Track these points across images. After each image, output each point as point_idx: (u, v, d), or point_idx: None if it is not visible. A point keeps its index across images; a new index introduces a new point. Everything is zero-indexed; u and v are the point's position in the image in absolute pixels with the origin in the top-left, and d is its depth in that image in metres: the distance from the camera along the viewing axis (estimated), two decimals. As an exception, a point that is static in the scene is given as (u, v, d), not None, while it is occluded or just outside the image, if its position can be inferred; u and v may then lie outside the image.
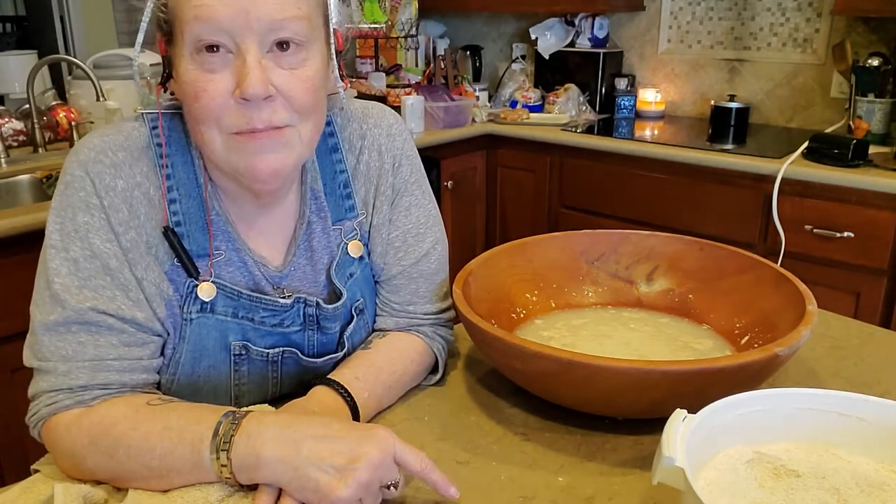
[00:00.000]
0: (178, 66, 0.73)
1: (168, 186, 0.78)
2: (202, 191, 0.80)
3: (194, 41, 0.70)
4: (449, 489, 0.67)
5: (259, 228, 0.84)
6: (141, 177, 0.77)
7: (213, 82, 0.71)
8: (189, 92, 0.72)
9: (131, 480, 0.70)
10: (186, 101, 0.74)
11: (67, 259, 0.73)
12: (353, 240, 0.89)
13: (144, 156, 0.78)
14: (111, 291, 0.74)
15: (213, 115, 0.72)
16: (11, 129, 2.16)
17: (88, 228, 0.74)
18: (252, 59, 0.71)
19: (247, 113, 0.72)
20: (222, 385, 0.84)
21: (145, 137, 0.79)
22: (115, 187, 0.75)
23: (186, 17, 0.70)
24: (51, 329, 0.72)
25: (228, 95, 0.71)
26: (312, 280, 0.87)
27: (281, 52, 0.73)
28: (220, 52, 0.71)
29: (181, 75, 0.73)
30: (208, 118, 0.73)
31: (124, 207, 0.76)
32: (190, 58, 0.72)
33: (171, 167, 0.79)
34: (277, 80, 0.72)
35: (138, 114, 0.81)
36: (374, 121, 0.91)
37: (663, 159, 2.28)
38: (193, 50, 0.71)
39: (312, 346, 0.88)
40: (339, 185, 0.88)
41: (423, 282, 0.92)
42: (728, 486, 0.60)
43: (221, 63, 0.71)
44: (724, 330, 0.97)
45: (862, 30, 2.37)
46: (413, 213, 0.92)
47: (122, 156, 0.76)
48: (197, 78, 0.71)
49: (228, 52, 0.71)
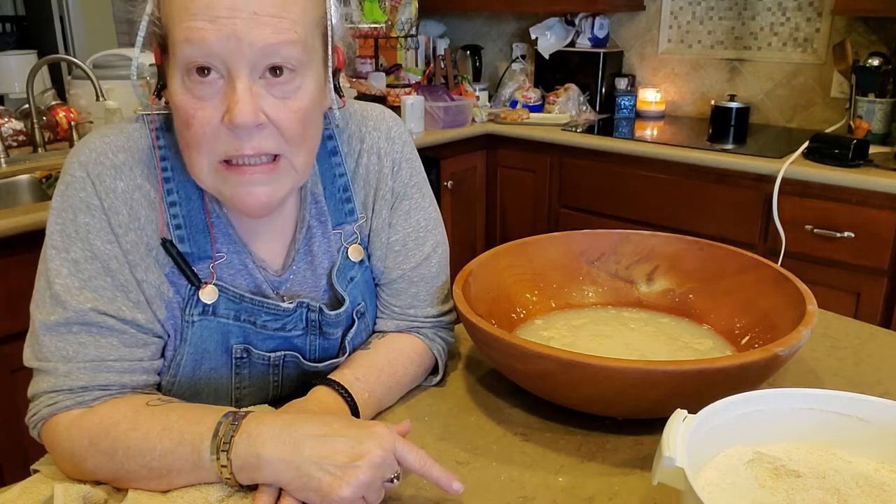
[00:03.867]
0: (171, 82, 0.72)
1: (168, 190, 0.78)
2: (203, 193, 0.80)
3: (184, 63, 0.69)
4: (452, 485, 0.67)
5: (259, 231, 0.84)
6: (142, 179, 0.77)
7: (203, 109, 0.70)
8: (180, 117, 0.71)
9: (131, 481, 0.69)
10: (177, 124, 0.73)
11: (68, 260, 0.73)
12: (353, 243, 0.88)
13: (146, 158, 0.77)
14: (112, 292, 0.74)
15: (203, 142, 0.71)
16: (11, 129, 2.16)
17: (89, 229, 0.74)
18: (242, 86, 0.69)
19: (236, 141, 0.71)
20: (223, 387, 0.84)
21: (147, 139, 0.78)
22: (116, 189, 0.75)
23: (177, 38, 0.69)
24: (51, 329, 0.72)
25: (218, 122, 0.70)
26: (313, 284, 0.87)
27: (273, 78, 0.71)
28: (211, 76, 0.69)
29: (172, 96, 0.72)
30: (198, 144, 0.71)
31: (124, 209, 0.75)
32: (181, 79, 0.70)
33: (172, 170, 0.79)
34: (268, 109, 0.71)
35: (139, 115, 0.80)
36: (373, 123, 0.90)
37: (663, 159, 2.28)
38: (184, 70, 0.70)
39: (314, 351, 0.87)
40: (338, 189, 0.87)
41: (423, 285, 0.92)
42: (728, 486, 0.59)
43: (211, 89, 0.70)
44: (724, 330, 0.97)
45: (862, 30, 2.37)
46: (413, 216, 0.91)
47: (122, 157, 0.76)
48: (187, 104, 0.70)
49: (219, 77, 0.69)
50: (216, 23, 0.67)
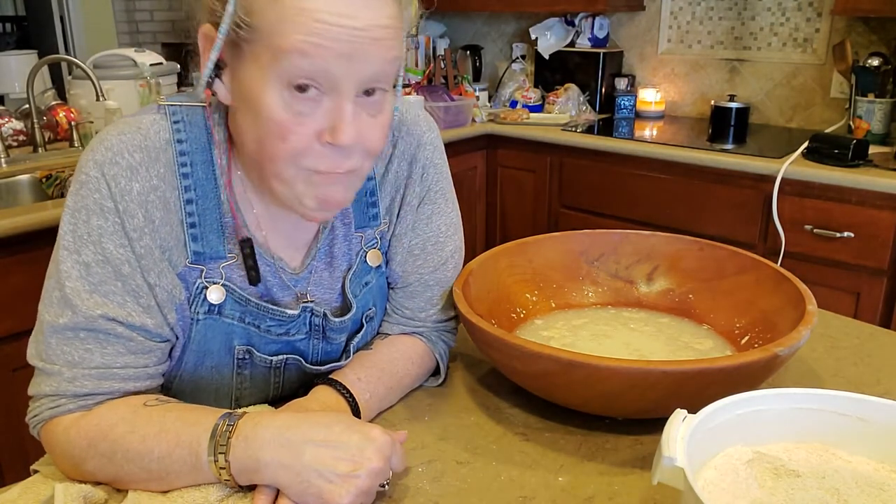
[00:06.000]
0: (259, 91, 0.67)
1: (185, 186, 0.76)
2: (220, 192, 0.78)
3: (289, 75, 0.65)
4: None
5: (281, 230, 0.82)
6: (157, 179, 0.74)
7: (304, 126, 0.67)
8: (273, 130, 0.68)
9: (131, 482, 0.70)
10: (267, 137, 0.69)
11: (79, 262, 0.72)
12: (372, 248, 0.88)
13: (163, 155, 0.75)
14: (122, 297, 0.72)
15: (297, 156, 0.69)
16: (11, 128, 2.16)
17: (102, 232, 0.72)
18: (350, 106, 0.67)
19: (333, 157, 0.70)
20: (224, 386, 0.84)
21: (166, 132, 0.76)
22: (131, 191, 0.72)
23: (286, 46, 0.64)
24: (59, 332, 0.71)
25: (315, 138, 0.68)
26: (329, 286, 0.86)
27: (367, 97, 0.69)
28: (311, 92, 0.66)
29: (264, 109, 0.67)
30: (292, 159, 0.69)
31: (140, 212, 0.73)
32: (278, 92, 0.66)
33: (190, 166, 0.76)
34: (363, 127, 0.70)
35: (158, 105, 0.78)
36: (406, 129, 0.88)
37: (663, 159, 2.28)
38: (285, 84, 0.66)
39: (317, 354, 0.87)
40: (365, 193, 0.87)
41: (438, 289, 0.92)
42: (728, 486, 0.59)
43: (313, 106, 0.67)
44: (724, 330, 0.97)
45: (862, 30, 2.37)
46: (434, 221, 0.91)
47: (139, 157, 0.73)
48: (286, 119, 0.67)
49: (321, 93, 0.67)
50: (338, 40, 0.64)
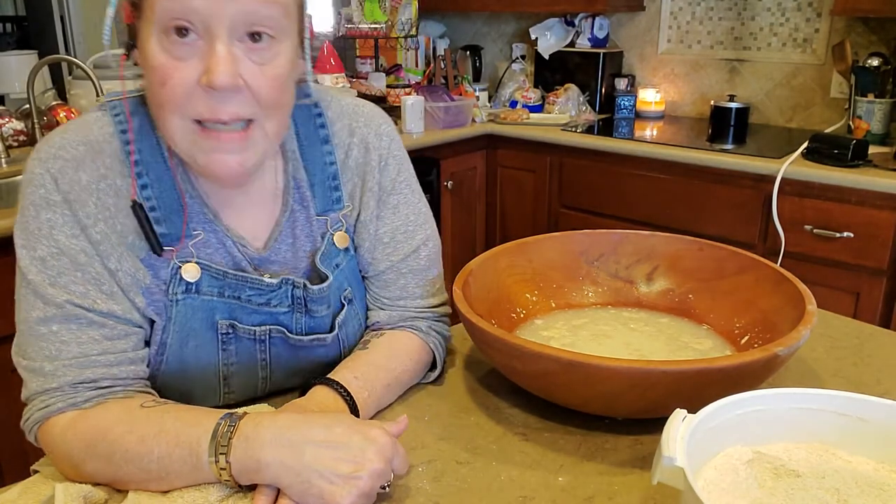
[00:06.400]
0: (145, 42, 0.71)
1: (137, 172, 0.78)
2: (172, 173, 0.79)
3: (164, 20, 0.68)
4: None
5: (237, 207, 0.84)
6: (105, 168, 0.76)
7: (180, 70, 0.69)
8: (155, 77, 0.70)
9: (130, 483, 0.70)
10: (152, 85, 0.72)
11: (35, 258, 0.73)
12: (338, 230, 0.89)
13: (107, 147, 0.77)
14: (83, 286, 0.74)
15: (178, 102, 0.71)
16: (11, 129, 2.16)
17: (52, 225, 0.74)
18: (222, 47, 0.69)
19: (212, 102, 0.71)
20: (211, 365, 0.84)
21: (108, 127, 0.78)
22: (80, 181, 0.75)
23: None
24: (33, 328, 0.73)
25: (195, 83, 0.70)
26: (293, 266, 0.87)
27: (252, 44, 0.71)
28: (190, 36, 0.69)
29: (148, 58, 0.71)
30: (173, 104, 0.71)
31: (90, 200, 0.75)
32: (157, 39, 0.70)
33: (139, 152, 0.78)
34: (246, 73, 0.71)
35: (99, 104, 0.80)
36: (364, 119, 0.91)
37: (663, 159, 2.28)
38: (162, 29, 0.69)
39: (301, 328, 0.88)
40: (328, 177, 0.88)
41: (412, 277, 0.93)
42: (728, 486, 0.60)
43: (190, 50, 0.69)
44: (724, 330, 0.97)
45: (862, 30, 2.37)
46: (402, 210, 0.92)
47: (82, 150, 0.76)
48: (164, 63, 0.69)
49: (198, 37, 0.69)
50: None
